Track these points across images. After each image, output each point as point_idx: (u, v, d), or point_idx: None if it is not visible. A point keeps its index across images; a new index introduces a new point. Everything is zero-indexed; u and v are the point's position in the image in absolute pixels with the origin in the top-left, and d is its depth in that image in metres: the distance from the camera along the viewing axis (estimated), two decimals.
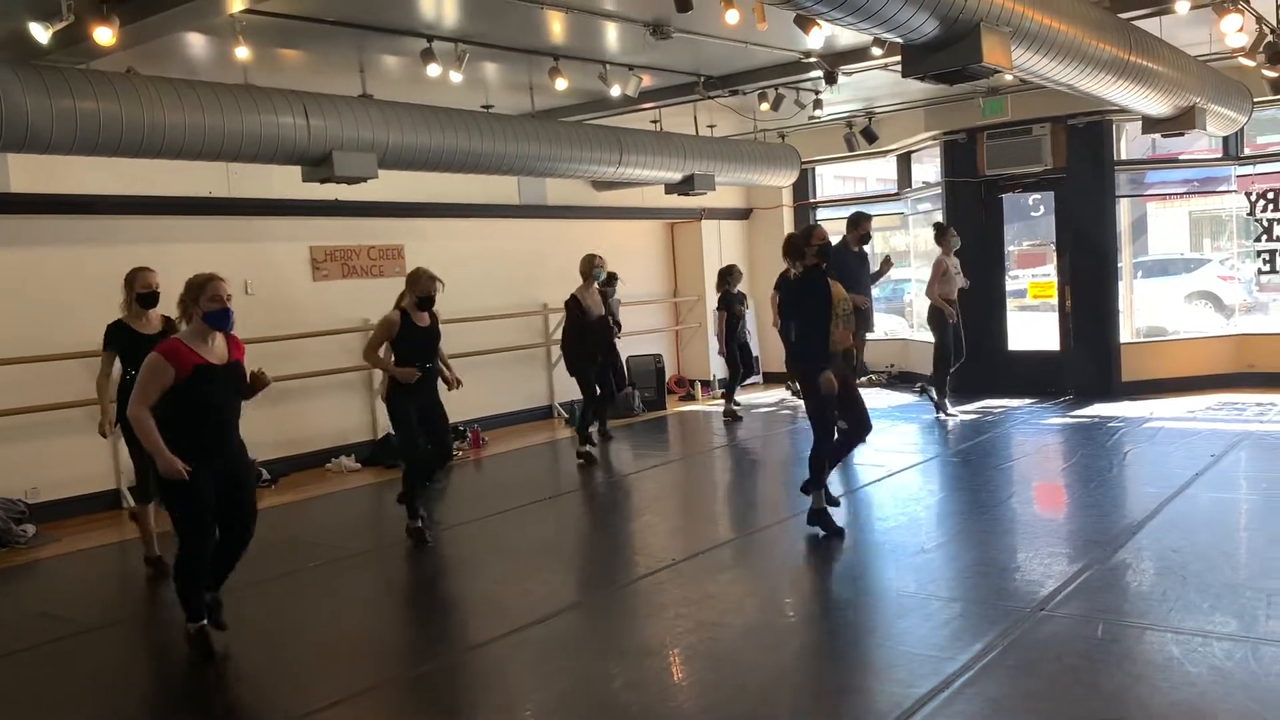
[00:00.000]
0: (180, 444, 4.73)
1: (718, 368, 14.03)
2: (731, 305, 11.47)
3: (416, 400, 6.82)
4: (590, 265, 9.44)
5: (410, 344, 6.78)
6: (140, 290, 6.30)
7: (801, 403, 11.93)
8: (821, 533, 6.47)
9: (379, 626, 5.65)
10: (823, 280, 6.49)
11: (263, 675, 5.00)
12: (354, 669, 4.92)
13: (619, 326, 9.87)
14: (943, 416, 10.50)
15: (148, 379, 4.77)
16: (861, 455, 8.88)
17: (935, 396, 10.68)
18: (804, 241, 6.64)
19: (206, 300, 4.83)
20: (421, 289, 6.75)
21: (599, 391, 9.65)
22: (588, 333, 9.38)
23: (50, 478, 8.19)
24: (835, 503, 6.93)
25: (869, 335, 10.23)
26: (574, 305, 9.41)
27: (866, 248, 9.70)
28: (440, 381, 7.07)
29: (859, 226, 9.43)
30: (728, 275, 11.57)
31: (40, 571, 7.08)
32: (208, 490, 4.84)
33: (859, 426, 6.76)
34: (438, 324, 6.96)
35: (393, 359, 6.80)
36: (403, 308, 6.79)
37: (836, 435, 6.72)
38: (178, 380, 4.75)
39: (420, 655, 5.18)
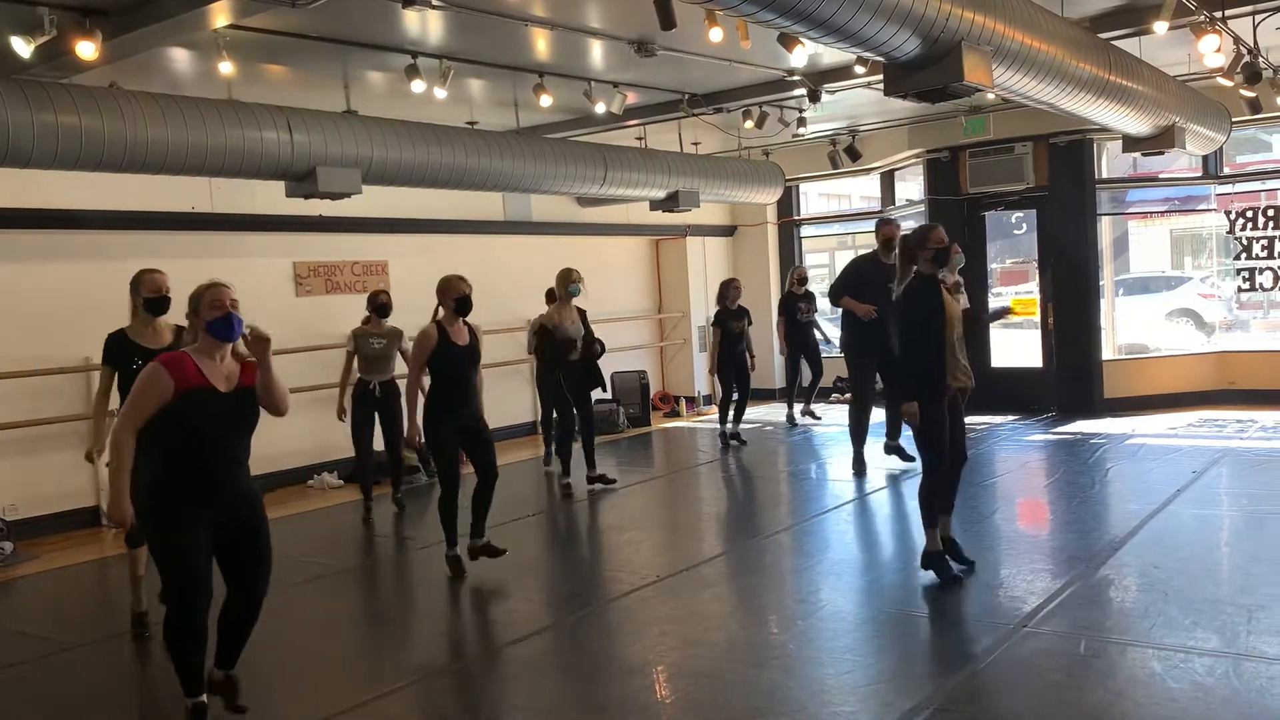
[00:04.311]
0: (172, 484, 4.05)
1: (702, 384, 14.06)
2: (726, 323, 10.64)
3: (458, 419, 6.33)
4: (567, 281, 8.60)
5: (448, 364, 6.26)
6: (148, 295, 5.28)
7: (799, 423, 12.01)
8: (937, 579, 5.71)
9: (359, 645, 5.61)
10: (936, 291, 5.64)
11: (243, 696, 4.94)
12: (333, 688, 4.88)
13: (601, 347, 8.92)
14: None
15: (142, 391, 4.02)
16: (848, 471, 8.90)
17: None
18: (918, 244, 5.66)
19: (207, 308, 4.11)
20: (456, 292, 6.28)
21: (577, 419, 8.92)
22: (560, 354, 8.61)
23: (29, 494, 8.12)
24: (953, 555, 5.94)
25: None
26: (543, 333, 8.67)
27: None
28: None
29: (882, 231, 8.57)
30: (724, 291, 10.75)
31: (18, 590, 7.00)
32: (200, 539, 4.07)
33: (954, 455, 5.85)
34: (478, 343, 6.47)
35: (427, 383, 6.34)
36: (438, 322, 6.30)
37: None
38: (172, 400, 4.00)
39: (400, 674, 5.14)
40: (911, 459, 8.65)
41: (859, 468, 8.94)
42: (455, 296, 6.30)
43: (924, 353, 5.59)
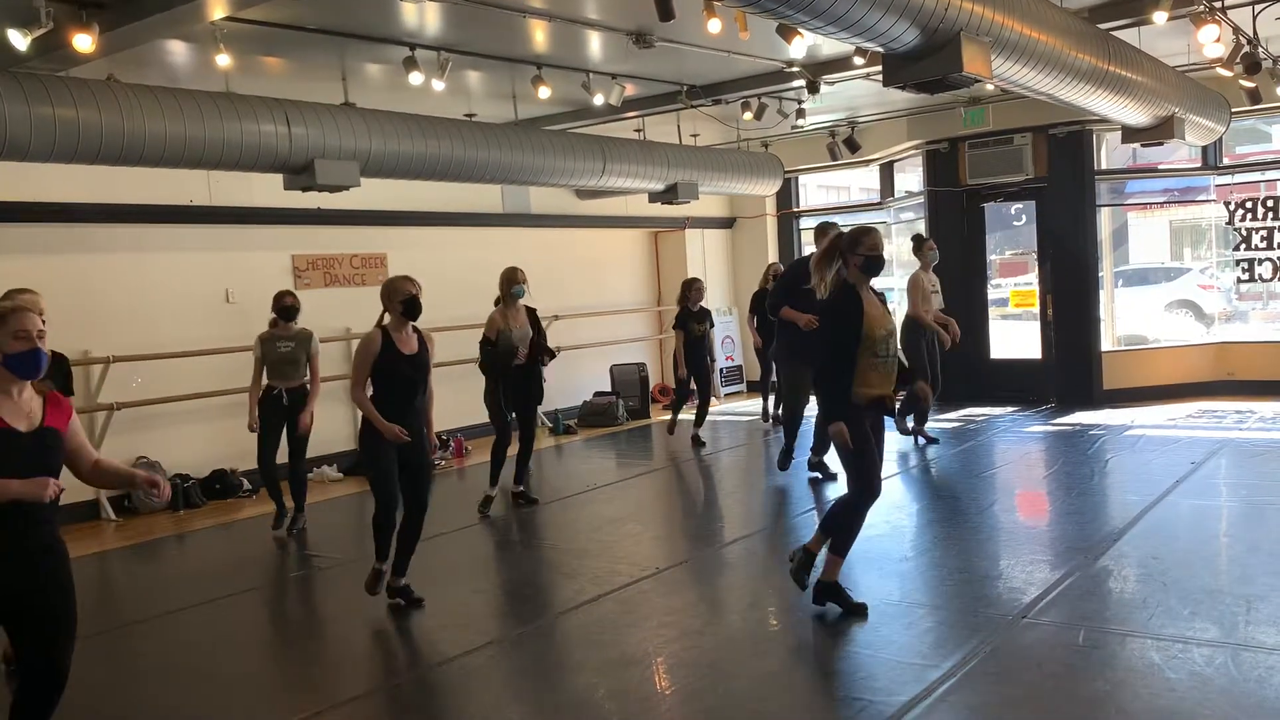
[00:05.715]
0: None
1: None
2: (688, 325, 10.16)
3: (400, 443, 5.60)
4: (511, 282, 7.87)
5: (392, 374, 5.56)
6: None
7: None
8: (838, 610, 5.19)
9: (359, 637, 5.60)
10: (855, 302, 4.96)
11: (236, 686, 4.95)
12: (332, 680, 4.89)
13: (550, 355, 8.21)
14: (920, 439, 9.71)
15: None
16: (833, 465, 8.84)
17: (916, 424, 9.73)
18: (849, 248, 4.99)
19: (10, 338, 3.40)
20: (402, 293, 5.55)
21: (520, 435, 8.23)
22: (502, 362, 7.83)
23: None
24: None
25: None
26: (484, 343, 7.96)
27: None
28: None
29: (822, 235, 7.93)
30: (685, 292, 10.22)
31: None
32: None
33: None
34: (428, 352, 5.72)
35: (370, 395, 5.60)
36: (384, 327, 5.60)
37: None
38: None
39: (397, 667, 5.15)
40: (834, 476, 8.15)
41: (783, 462, 8.53)
42: (402, 299, 5.57)
43: (836, 369, 4.96)
